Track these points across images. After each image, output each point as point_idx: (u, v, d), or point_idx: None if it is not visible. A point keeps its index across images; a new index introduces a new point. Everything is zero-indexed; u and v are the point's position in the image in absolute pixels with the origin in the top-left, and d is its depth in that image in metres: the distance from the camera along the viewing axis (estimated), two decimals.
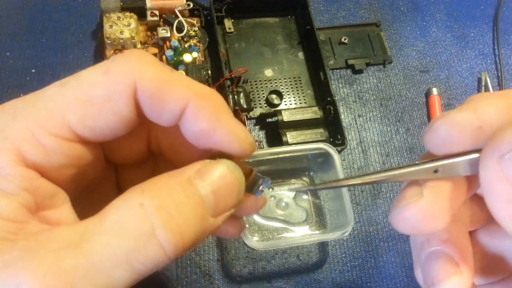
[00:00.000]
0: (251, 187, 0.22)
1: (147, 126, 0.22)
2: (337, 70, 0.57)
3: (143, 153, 0.23)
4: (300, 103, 0.53)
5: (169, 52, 0.49)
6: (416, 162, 0.18)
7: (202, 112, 0.18)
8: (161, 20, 0.51)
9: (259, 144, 0.51)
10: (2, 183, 0.16)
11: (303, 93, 0.53)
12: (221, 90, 0.49)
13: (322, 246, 0.47)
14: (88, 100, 0.18)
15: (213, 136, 0.19)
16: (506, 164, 0.15)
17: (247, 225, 0.44)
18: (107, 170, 0.23)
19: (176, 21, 0.50)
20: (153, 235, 0.15)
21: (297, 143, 0.47)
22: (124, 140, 0.21)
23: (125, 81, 0.18)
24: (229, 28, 0.55)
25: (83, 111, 0.18)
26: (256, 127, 0.52)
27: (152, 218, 0.15)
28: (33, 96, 0.18)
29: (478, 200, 0.21)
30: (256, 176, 0.22)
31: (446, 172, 0.17)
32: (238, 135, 0.19)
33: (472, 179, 0.18)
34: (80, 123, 0.18)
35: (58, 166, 0.18)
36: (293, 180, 0.49)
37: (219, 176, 0.18)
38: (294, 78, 0.54)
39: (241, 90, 0.50)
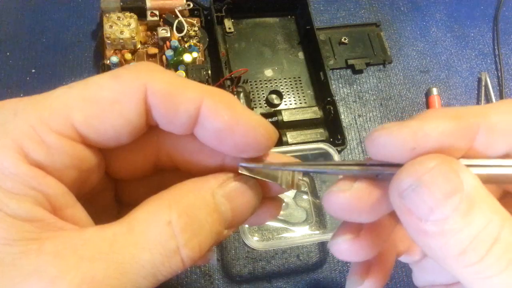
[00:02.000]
0: None
1: (156, 141, 0.21)
2: (337, 70, 0.57)
3: (148, 169, 0.22)
4: (300, 103, 0.53)
5: (169, 52, 0.49)
6: (363, 162, 0.18)
7: (220, 106, 0.18)
8: (161, 20, 0.51)
9: None
10: (8, 184, 0.15)
11: (303, 93, 0.53)
12: None
13: (322, 246, 0.47)
14: (95, 100, 0.17)
15: (236, 129, 0.18)
16: (406, 201, 0.16)
17: (246, 225, 0.44)
18: (107, 183, 0.22)
19: (176, 21, 0.50)
20: (177, 252, 0.17)
21: (297, 143, 0.47)
22: (129, 153, 0.21)
23: (135, 85, 0.18)
24: (229, 28, 0.55)
25: (89, 110, 0.17)
26: None
27: (178, 237, 0.17)
28: (37, 96, 0.17)
29: None
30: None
31: (386, 178, 0.17)
32: (260, 122, 0.19)
33: None
34: (85, 123, 0.17)
35: (61, 166, 0.17)
36: None
37: (239, 194, 0.19)
38: (294, 78, 0.54)
39: (241, 90, 0.50)
